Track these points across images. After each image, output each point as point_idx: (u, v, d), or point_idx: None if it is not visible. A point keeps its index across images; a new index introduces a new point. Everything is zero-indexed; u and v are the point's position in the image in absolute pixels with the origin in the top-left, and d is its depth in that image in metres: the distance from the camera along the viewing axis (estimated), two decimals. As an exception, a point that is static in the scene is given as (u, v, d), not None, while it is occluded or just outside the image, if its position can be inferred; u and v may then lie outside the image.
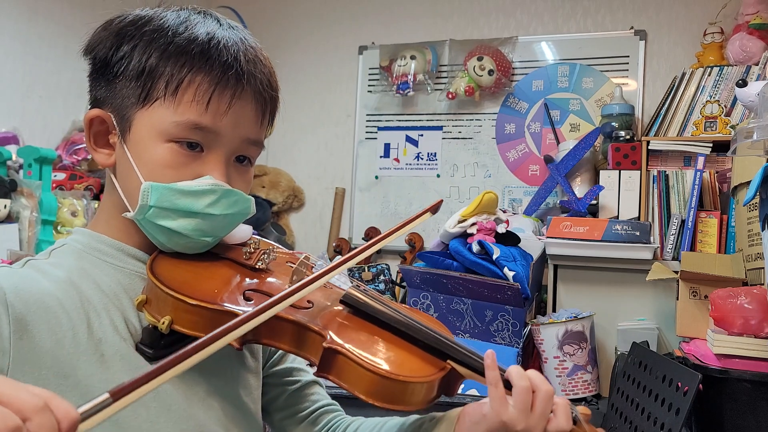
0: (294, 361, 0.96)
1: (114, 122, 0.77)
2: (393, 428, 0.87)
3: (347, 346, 0.72)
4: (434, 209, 0.85)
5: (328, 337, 0.72)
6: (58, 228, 2.12)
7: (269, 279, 0.81)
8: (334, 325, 0.75)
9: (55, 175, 2.19)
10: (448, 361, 0.76)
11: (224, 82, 0.74)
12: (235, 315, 0.70)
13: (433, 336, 0.77)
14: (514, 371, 0.75)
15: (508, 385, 0.75)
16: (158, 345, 0.74)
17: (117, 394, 0.49)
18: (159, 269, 0.74)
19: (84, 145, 2.31)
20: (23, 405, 0.43)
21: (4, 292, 0.67)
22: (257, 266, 0.80)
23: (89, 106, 0.81)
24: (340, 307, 0.80)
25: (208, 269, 0.78)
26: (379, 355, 0.73)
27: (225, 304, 0.72)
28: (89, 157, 2.32)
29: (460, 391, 0.80)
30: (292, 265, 0.83)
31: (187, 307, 0.71)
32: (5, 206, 1.94)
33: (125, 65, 0.74)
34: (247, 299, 0.74)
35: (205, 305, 0.71)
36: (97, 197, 2.31)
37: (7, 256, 1.87)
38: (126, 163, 0.76)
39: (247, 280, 0.78)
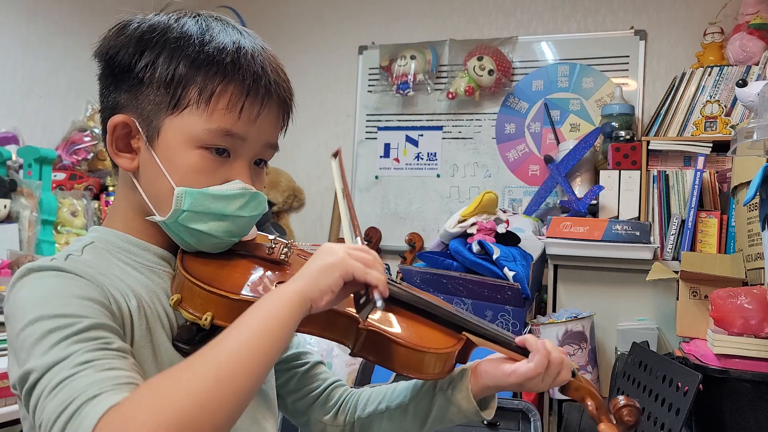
0: (299, 346, 1.00)
1: (139, 127, 0.78)
2: (406, 390, 0.93)
3: (379, 325, 0.80)
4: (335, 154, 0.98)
5: (361, 319, 0.78)
6: (58, 228, 2.12)
7: (293, 272, 0.83)
8: None
9: (55, 175, 2.18)
10: (464, 333, 0.86)
11: (255, 91, 0.77)
12: None
13: (450, 312, 0.87)
14: (532, 340, 0.87)
15: (524, 351, 0.87)
16: (194, 341, 0.76)
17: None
18: (192, 268, 0.77)
19: (83, 145, 2.31)
20: (363, 250, 0.75)
21: (88, 272, 0.69)
22: (280, 260, 0.85)
23: (105, 110, 0.81)
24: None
25: (235, 265, 0.81)
26: (408, 332, 0.82)
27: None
28: (89, 157, 2.32)
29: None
30: (306, 258, 0.88)
31: (229, 303, 0.73)
32: (5, 206, 1.94)
33: (151, 72, 0.76)
34: None
35: (247, 299, 0.73)
36: (97, 197, 2.31)
37: (7, 256, 1.87)
38: (153, 167, 0.77)
39: (275, 273, 0.83)
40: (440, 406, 0.88)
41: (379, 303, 0.72)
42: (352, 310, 0.79)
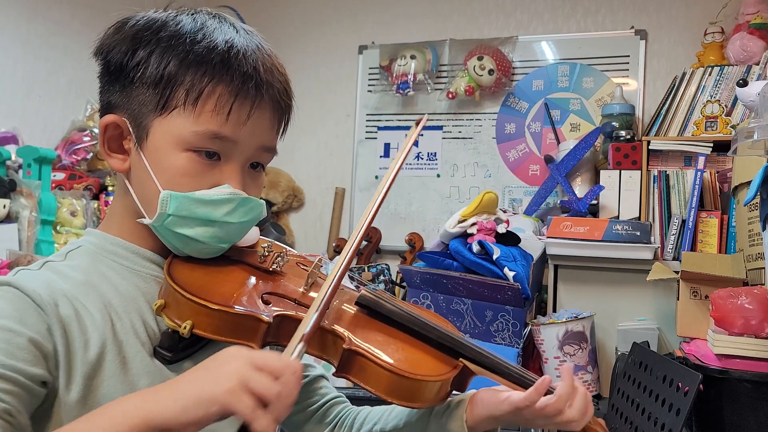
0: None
1: (130, 128, 0.76)
2: (402, 413, 0.90)
3: (366, 347, 0.74)
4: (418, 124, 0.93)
5: (347, 338, 0.74)
6: (58, 228, 2.12)
7: (284, 282, 0.82)
8: (351, 326, 0.77)
9: (55, 175, 2.18)
10: (461, 359, 0.79)
11: (244, 92, 0.74)
12: (257, 318, 0.72)
13: (446, 335, 0.80)
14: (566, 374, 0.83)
15: (524, 383, 0.80)
16: (177, 348, 0.75)
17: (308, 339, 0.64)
18: (177, 274, 0.75)
19: (83, 145, 2.31)
20: (278, 370, 0.59)
21: (39, 294, 0.68)
22: (272, 269, 0.81)
23: (101, 110, 0.80)
24: (355, 309, 0.81)
25: (224, 273, 0.79)
26: (397, 355, 0.75)
27: (246, 309, 0.73)
28: (88, 157, 2.32)
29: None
30: (304, 267, 0.85)
31: (209, 312, 0.71)
32: (5, 206, 1.93)
33: (141, 71, 0.74)
34: (266, 302, 0.76)
35: (227, 310, 0.71)
36: (96, 197, 2.31)
37: (6, 256, 1.86)
38: (142, 169, 0.76)
39: (264, 283, 0.79)
40: None
41: None
42: (340, 328, 0.75)
